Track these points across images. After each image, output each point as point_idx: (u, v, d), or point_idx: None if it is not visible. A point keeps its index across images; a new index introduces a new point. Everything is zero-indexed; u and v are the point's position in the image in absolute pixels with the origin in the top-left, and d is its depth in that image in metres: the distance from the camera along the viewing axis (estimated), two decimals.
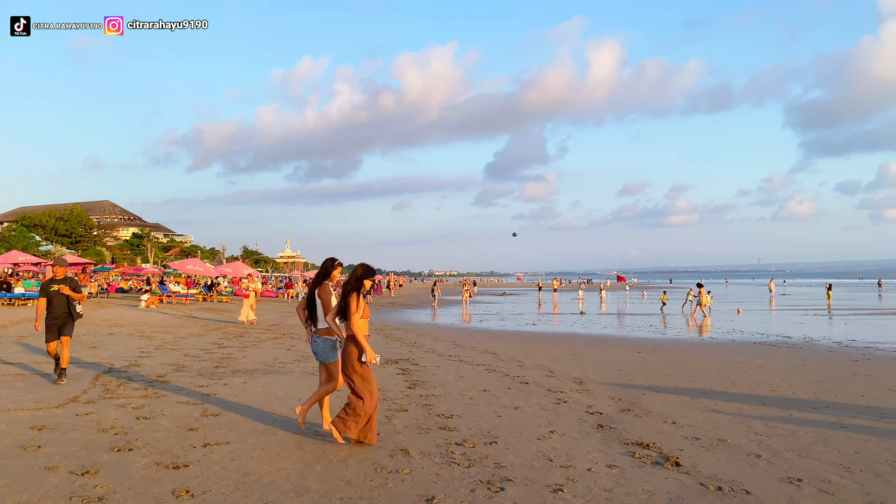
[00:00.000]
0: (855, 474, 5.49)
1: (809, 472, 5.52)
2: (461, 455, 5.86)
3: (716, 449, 6.27)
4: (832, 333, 19.70)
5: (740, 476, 5.38)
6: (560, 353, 14.27)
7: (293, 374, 10.56)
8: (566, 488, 4.99)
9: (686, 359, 13.50)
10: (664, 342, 17.24)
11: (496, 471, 5.41)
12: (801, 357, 13.81)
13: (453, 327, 23.02)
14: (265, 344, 15.30)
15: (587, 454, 6.00)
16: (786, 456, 6.04)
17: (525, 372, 11.29)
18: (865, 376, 11.04)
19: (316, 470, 5.37)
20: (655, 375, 11.15)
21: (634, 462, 5.76)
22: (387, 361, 12.35)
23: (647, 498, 4.81)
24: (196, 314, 25.63)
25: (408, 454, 5.87)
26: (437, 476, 5.24)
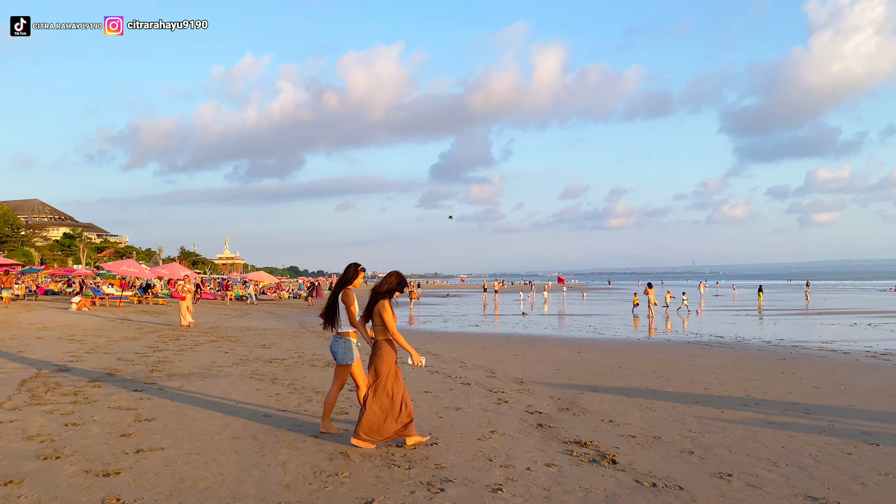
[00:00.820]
0: (781, 468, 5.70)
1: (739, 467, 5.71)
2: (402, 457, 5.85)
3: (651, 446, 6.43)
4: (762, 333, 20.44)
5: (674, 472, 5.53)
6: (502, 354, 14.40)
7: (231, 378, 10.36)
8: (505, 487, 5.04)
9: (623, 358, 13.80)
10: (602, 342, 17.58)
11: (436, 472, 5.42)
12: (732, 356, 14.28)
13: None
14: (202, 347, 14.96)
15: (527, 453, 6.07)
16: (717, 452, 6.23)
17: (467, 373, 11.35)
18: (792, 374, 11.49)
19: (253, 475, 5.28)
20: (594, 375, 11.35)
21: (572, 460, 5.86)
22: (327, 364, 12.23)
23: (584, 496, 4.90)
24: (131, 317, 24.87)
25: (348, 457, 5.83)
26: (377, 478, 5.22)
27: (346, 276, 6.67)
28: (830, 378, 10.98)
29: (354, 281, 6.63)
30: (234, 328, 21.20)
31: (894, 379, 10.88)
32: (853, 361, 13.20)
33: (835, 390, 9.79)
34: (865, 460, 5.96)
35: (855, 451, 6.27)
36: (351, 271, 6.67)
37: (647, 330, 21.76)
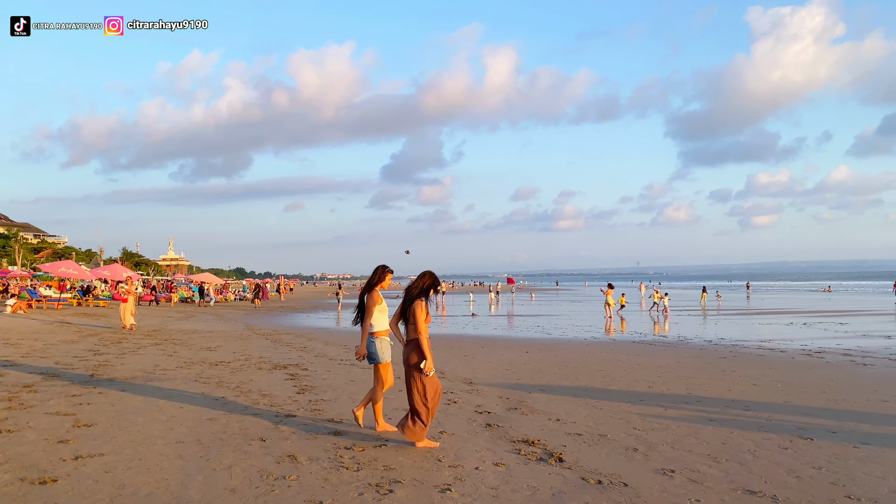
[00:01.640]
0: (721, 464, 5.87)
1: (681, 464, 5.86)
2: (350, 459, 5.82)
3: (596, 444, 6.54)
4: (703, 333, 20.99)
5: (619, 469, 5.64)
6: (451, 355, 14.44)
7: (175, 382, 10.13)
8: (454, 487, 5.06)
9: (570, 357, 14.00)
10: (550, 342, 17.80)
11: (385, 473, 5.41)
12: (675, 355, 14.63)
13: (345, 331, 22.82)
14: (146, 350, 14.59)
15: (475, 453, 6.11)
16: (660, 449, 6.38)
17: None
18: (732, 372, 11.84)
19: (198, 479, 5.18)
20: (541, 374, 11.49)
21: (520, 459, 5.92)
22: (274, 367, 12.08)
23: (531, 494, 4.96)
24: (70, 319, 24.09)
25: (295, 460, 5.77)
26: (325, 481, 5.18)
27: (374, 278, 6.82)
28: (768, 376, 11.35)
29: (382, 283, 6.78)
30: (178, 331, 20.73)
31: (827, 376, 11.31)
32: (789, 359, 13.67)
33: (772, 387, 10.13)
34: (800, 454, 6.19)
35: (791, 446, 6.50)
36: (378, 273, 6.82)
37: (593, 330, 22.11)
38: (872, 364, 12.71)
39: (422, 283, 6.37)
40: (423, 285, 6.36)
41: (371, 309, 6.66)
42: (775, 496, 4.95)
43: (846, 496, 4.98)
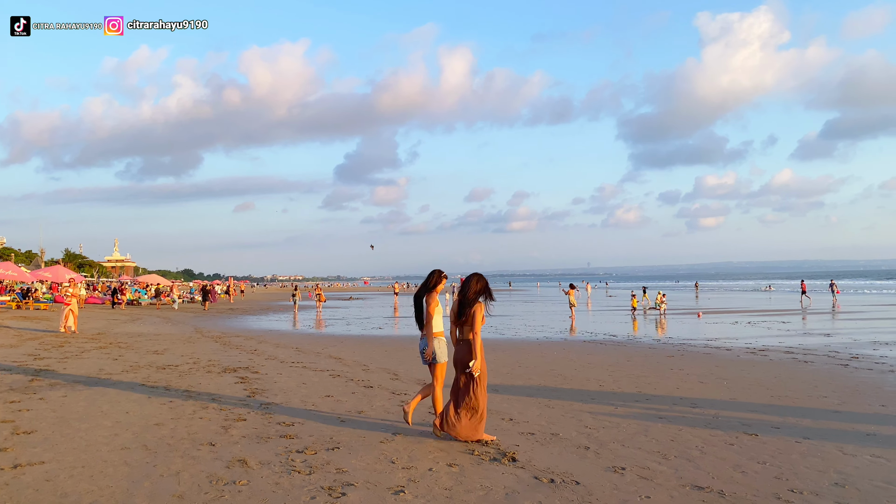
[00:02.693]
0: (670, 460, 5.99)
1: (632, 461, 5.95)
2: (302, 462, 5.75)
3: (549, 443, 6.60)
4: (652, 332, 21.40)
5: (571, 468, 5.70)
6: (405, 356, 14.39)
7: (120, 386, 9.86)
8: (407, 489, 5.04)
9: (523, 357, 14.10)
10: (503, 342, 17.91)
11: (338, 476, 5.35)
12: (625, 354, 14.87)
13: (297, 333, 22.55)
14: (89, 354, 14.17)
15: (429, 454, 6.10)
16: (611, 447, 6.47)
17: (370, 376, 11.29)
18: (680, 370, 12.09)
19: (144, 486, 5.04)
20: (494, 374, 11.52)
21: (474, 459, 5.93)
22: (224, 370, 11.87)
23: (485, 494, 4.97)
24: (8, 323, 23.23)
25: (245, 464, 5.67)
26: (276, 485, 5.10)
27: (430, 281, 7.15)
28: (715, 373, 11.63)
29: (439, 286, 7.11)
30: (123, 334, 20.20)
31: (771, 373, 11.65)
32: (735, 357, 14.03)
33: (719, 385, 10.38)
34: (745, 450, 6.35)
35: (737, 442, 6.67)
36: (434, 277, 7.16)
37: (546, 330, 22.32)
38: (813, 361, 13.14)
39: (477, 286, 6.68)
40: (478, 288, 6.68)
41: (433, 309, 6.94)
42: (722, 491, 5.07)
43: (789, 490, 5.12)
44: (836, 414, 8.10)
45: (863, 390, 9.74)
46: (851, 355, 13.98)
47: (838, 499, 4.91)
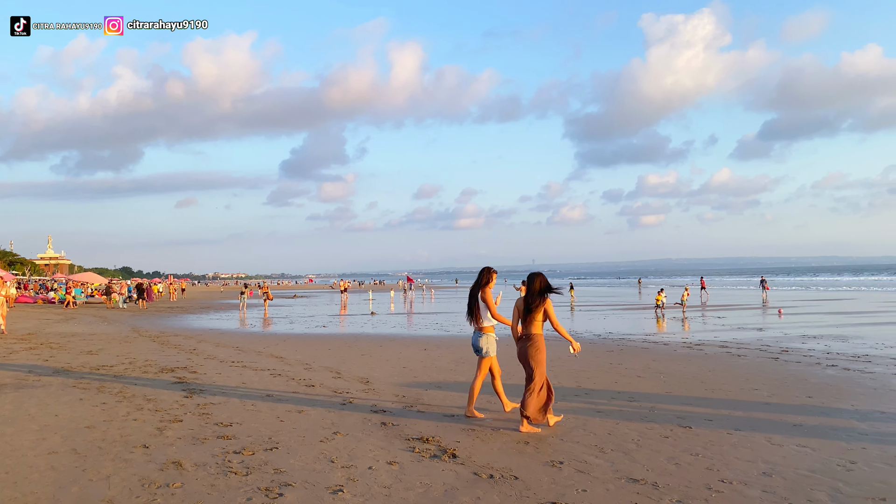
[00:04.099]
0: (607, 454, 6.10)
1: (569, 455, 6.04)
2: (239, 463, 5.65)
3: (489, 439, 6.65)
4: (593, 327, 21.76)
5: (510, 463, 5.75)
6: (348, 354, 14.30)
7: (50, 388, 9.51)
8: (346, 488, 5.01)
9: (467, 354, 14.14)
10: (449, 339, 17.96)
11: (276, 476, 5.28)
12: (565, 349, 15.03)
13: (238, 332, 22.16)
14: (18, 355, 13.63)
15: (369, 452, 6.07)
16: (550, 441, 6.56)
17: (312, 375, 11.17)
18: (619, 365, 12.34)
19: (72, 491, 4.87)
20: (439, 371, 11.57)
21: (414, 457, 5.93)
22: (161, 370, 11.57)
23: (424, 491, 4.97)
24: None
25: (180, 466, 5.54)
26: (211, 487, 5.00)
27: (482, 278, 7.69)
28: (652, 368, 11.90)
29: (490, 282, 7.66)
30: (56, 334, 19.51)
31: (706, 367, 11.98)
32: (671, 352, 14.39)
33: (655, 379, 10.62)
34: (680, 442, 6.52)
35: (671, 435, 6.84)
36: (486, 275, 7.71)
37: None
38: (746, 355, 13.58)
39: (540, 282, 7.21)
40: (542, 285, 7.20)
41: (493, 304, 7.53)
42: (656, 483, 5.19)
43: (720, 480, 5.28)
44: (765, 406, 8.38)
45: (791, 383, 10.11)
46: (781, 349, 14.50)
47: (765, 488, 5.08)
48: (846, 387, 9.62)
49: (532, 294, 7.12)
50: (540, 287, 7.18)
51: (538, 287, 7.17)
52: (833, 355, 13.21)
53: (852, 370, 11.18)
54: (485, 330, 7.63)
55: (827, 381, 10.11)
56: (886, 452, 6.04)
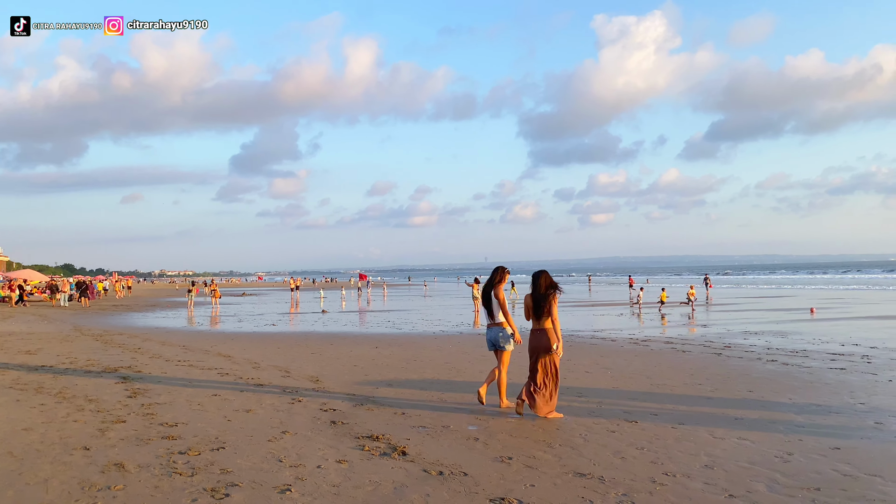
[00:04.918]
0: (555, 448, 6.18)
1: (518, 450, 6.10)
2: (184, 464, 5.54)
3: (440, 436, 6.66)
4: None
5: (460, 459, 5.78)
6: (298, 353, 14.16)
7: None
8: (294, 487, 4.96)
9: (419, 352, 14.18)
10: (400, 337, 17.93)
11: (222, 477, 5.20)
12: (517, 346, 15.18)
13: (185, 330, 21.71)
14: None
15: (318, 451, 6.02)
16: (500, 437, 6.62)
17: (260, 374, 11.02)
18: (568, 360, 12.48)
19: (7, 496, 4.71)
20: (389, 369, 11.54)
21: (364, 455, 5.91)
22: (104, 370, 11.27)
23: (373, 489, 4.96)
24: None
25: (123, 468, 5.40)
26: (155, 489, 4.89)
27: (495, 277, 8.09)
28: (600, 363, 12.10)
29: (503, 280, 8.04)
30: None
31: (652, 362, 12.25)
32: (619, 348, 14.66)
33: (603, 374, 10.81)
34: (625, 436, 6.65)
35: (617, 429, 6.96)
36: (499, 273, 8.11)
37: (442, 324, 22.52)
38: (690, 350, 13.92)
39: (546, 280, 7.60)
40: (547, 283, 7.59)
41: (505, 301, 7.93)
42: (602, 477, 5.28)
43: (664, 473, 5.40)
44: (708, 400, 8.61)
45: (733, 377, 10.41)
46: (724, 345, 14.91)
47: (707, 480, 5.22)
48: (784, 381, 9.95)
49: (539, 291, 7.58)
50: (546, 284, 7.58)
51: (544, 284, 7.60)
52: (773, 351, 13.65)
53: (790, 365, 11.57)
54: (502, 325, 7.99)
55: (767, 376, 10.44)
56: (821, 444, 6.27)
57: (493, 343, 8.10)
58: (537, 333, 7.58)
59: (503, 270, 8.20)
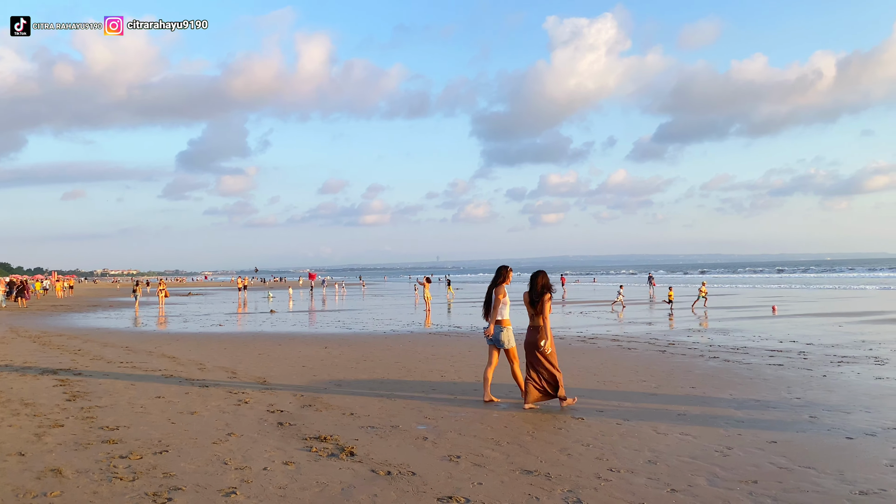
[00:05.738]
0: (503, 446, 6.24)
1: (467, 449, 6.13)
2: (125, 468, 5.40)
3: (388, 435, 6.65)
4: None
5: (408, 459, 5.78)
6: (245, 354, 13.94)
7: None
8: (240, 490, 4.88)
9: (369, 351, 14.12)
10: (350, 337, 17.83)
11: (165, 481, 5.08)
12: (467, 344, 15.30)
13: (128, 331, 21.15)
14: None
15: (265, 453, 5.95)
16: (449, 436, 6.64)
17: (206, 375, 10.82)
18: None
19: None
20: (339, 369, 11.46)
21: (311, 456, 5.86)
22: (42, 372, 10.90)
23: (320, 490, 4.92)
24: None
25: (60, 474, 5.24)
26: (94, 494, 4.76)
27: (498, 276, 8.36)
28: None
29: (506, 280, 8.31)
30: None
31: (599, 360, 12.45)
32: (567, 346, 14.84)
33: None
34: (572, 433, 6.75)
35: (564, 426, 7.07)
36: (502, 273, 8.41)
37: (393, 323, 22.47)
38: (636, 348, 14.21)
39: (541, 281, 8.10)
40: (543, 283, 8.08)
41: (503, 300, 8.22)
42: (548, 474, 5.35)
43: (608, 469, 5.50)
44: (652, 397, 8.80)
45: (676, 374, 10.66)
46: (668, 342, 15.26)
47: (650, 475, 5.33)
48: (726, 377, 10.24)
49: (535, 291, 8.05)
50: (541, 285, 8.07)
51: (540, 284, 8.08)
52: (715, 348, 14.02)
53: (732, 361, 11.90)
54: (502, 324, 8.30)
55: (709, 372, 10.72)
56: (759, 438, 6.48)
57: (494, 340, 8.39)
58: (531, 330, 8.13)
59: (507, 270, 8.51)
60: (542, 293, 8.03)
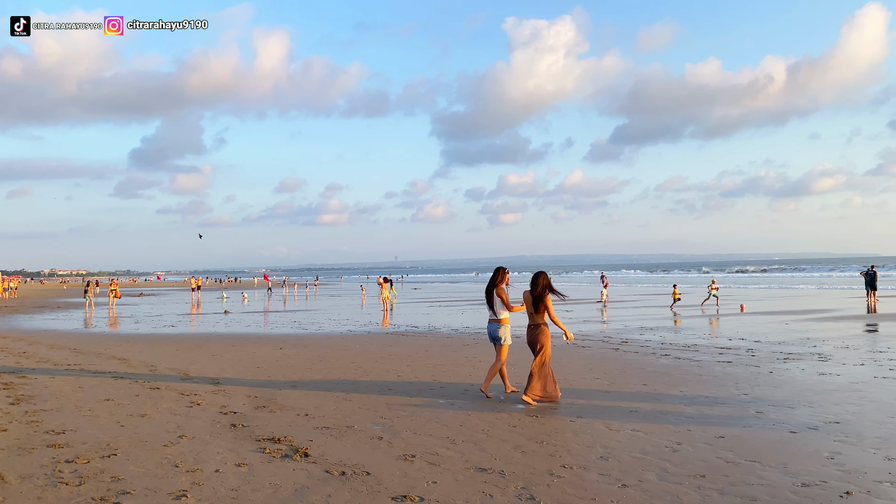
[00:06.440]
0: (458, 445, 6.27)
1: (422, 448, 6.15)
2: (71, 473, 5.27)
3: (343, 436, 6.62)
4: (452, 322, 22.22)
5: (363, 459, 5.77)
6: (198, 355, 13.72)
7: None
8: (191, 493, 4.81)
9: (325, 352, 14.02)
10: (305, 337, 17.67)
11: (113, 485, 4.98)
12: (424, 344, 15.32)
13: (77, 333, 20.59)
14: None
15: (217, 455, 5.87)
16: (404, 435, 6.64)
17: (157, 377, 10.61)
18: (473, 358, 12.70)
19: None
20: (294, 370, 11.36)
21: (265, 458, 5.80)
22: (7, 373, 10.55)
23: (273, 492, 4.88)
24: None
25: (3, 479, 5.09)
26: (38, 500, 4.63)
27: (496, 277, 8.80)
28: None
29: (504, 280, 8.77)
30: None
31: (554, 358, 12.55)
32: (523, 344, 14.91)
33: (509, 371, 11.00)
34: (526, 431, 6.82)
35: (519, 424, 7.14)
36: (500, 273, 8.85)
37: (350, 323, 22.35)
38: (590, 346, 14.41)
39: (543, 282, 8.41)
40: (544, 284, 8.40)
41: (506, 299, 8.62)
42: (503, 471, 5.40)
43: (562, 465, 5.58)
44: (606, 394, 8.95)
45: (629, 371, 10.85)
46: (622, 340, 15.51)
47: (602, 471, 5.43)
48: (676, 374, 10.46)
49: (536, 290, 8.34)
50: (542, 285, 8.35)
51: (541, 284, 8.37)
52: (666, 345, 14.31)
53: (682, 359, 12.17)
54: (502, 322, 8.67)
55: (660, 370, 10.94)
56: (707, 433, 6.64)
57: (492, 337, 8.79)
58: (532, 329, 8.47)
59: (504, 271, 8.91)
60: (543, 292, 8.33)
